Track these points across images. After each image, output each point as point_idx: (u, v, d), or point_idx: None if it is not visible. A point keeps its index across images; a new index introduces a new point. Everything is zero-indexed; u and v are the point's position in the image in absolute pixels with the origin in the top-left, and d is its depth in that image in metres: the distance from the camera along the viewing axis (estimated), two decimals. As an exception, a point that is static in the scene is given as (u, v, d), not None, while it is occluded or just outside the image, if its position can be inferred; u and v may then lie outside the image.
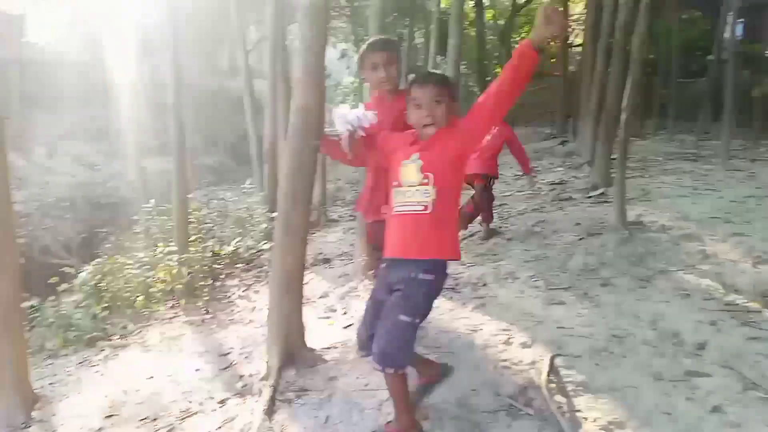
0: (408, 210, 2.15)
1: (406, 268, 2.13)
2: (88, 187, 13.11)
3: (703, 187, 6.30)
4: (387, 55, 2.70)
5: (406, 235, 2.15)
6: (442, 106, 2.18)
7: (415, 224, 2.13)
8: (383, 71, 2.69)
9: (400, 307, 2.09)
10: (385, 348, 2.06)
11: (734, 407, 2.35)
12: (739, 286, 3.55)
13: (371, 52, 2.72)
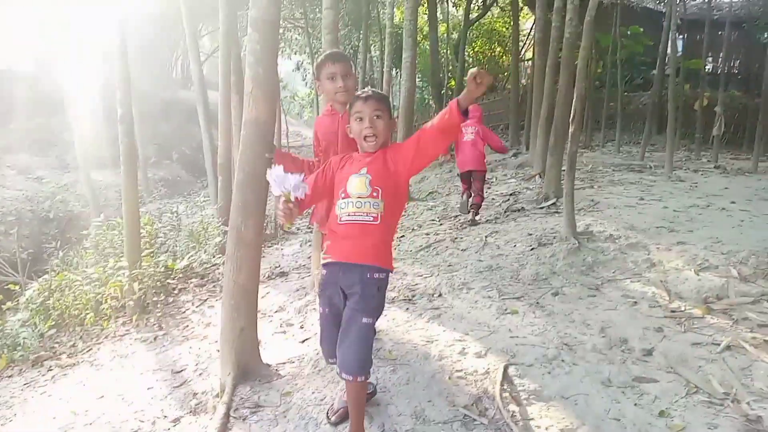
0: (359, 220, 2.22)
1: (359, 271, 2.22)
2: (36, 200, 12.60)
3: (649, 197, 6.52)
4: (344, 66, 2.79)
5: (357, 243, 2.22)
6: (382, 121, 2.31)
7: (366, 233, 2.22)
8: (340, 81, 2.78)
9: (361, 310, 2.19)
10: (360, 355, 2.16)
11: (680, 411, 2.44)
12: (683, 293, 3.68)
13: (329, 62, 2.79)
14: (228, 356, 2.97)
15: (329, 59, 2.81)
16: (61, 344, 4.83)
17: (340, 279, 2.25)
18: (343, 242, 2.25)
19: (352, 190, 2.26)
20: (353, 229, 2.23)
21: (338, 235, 2.28)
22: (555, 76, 7.44)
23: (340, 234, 2.27)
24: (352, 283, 2.22)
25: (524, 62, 19.73)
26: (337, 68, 2.77)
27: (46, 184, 14.14)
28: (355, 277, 2.21)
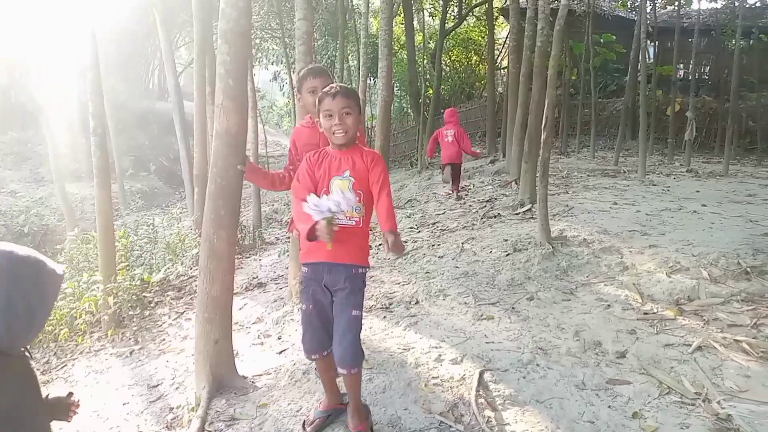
0: (343, 223, 2.26)
1: (345, 269, 2.30)
2: (10, 215, 12.37)
3: (622, 201, 6.62)
4: (325, 81, 2.83)
5: (342, 245, 2.26)
6: (351, 117, 2.35)
7: (350, 235, 2.29)
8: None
9: (351, 303, 2.29)
10: (353, 349, 2.27)
11: (653, 412, 2.47)
12: (655, 295, 3.74)
13: (310, 77, 2.87)
14: (203, 369, 2.94)
15: (310, 73, 2.89)
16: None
17: (326, 278, 2.31)
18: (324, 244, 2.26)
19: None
20: (337, 233, 2.24)
21: None
22: (529, 83, 7.54)
23: None
24: (339, 280, 2.30)
25: (500, 70, 19.94)
26: (318, 82, 2.83)
27: (20, 198, 13.91)
28: (341, 275, 2.29)
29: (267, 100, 23.20)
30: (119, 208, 14.15)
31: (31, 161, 15.61)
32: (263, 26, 15.61)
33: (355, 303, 2.31)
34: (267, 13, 14.42)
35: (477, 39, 22.23)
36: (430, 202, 8.56)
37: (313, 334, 2.38)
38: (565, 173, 9.40)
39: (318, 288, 2.34)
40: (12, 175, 15.69)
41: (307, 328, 2.40)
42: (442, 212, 7.33)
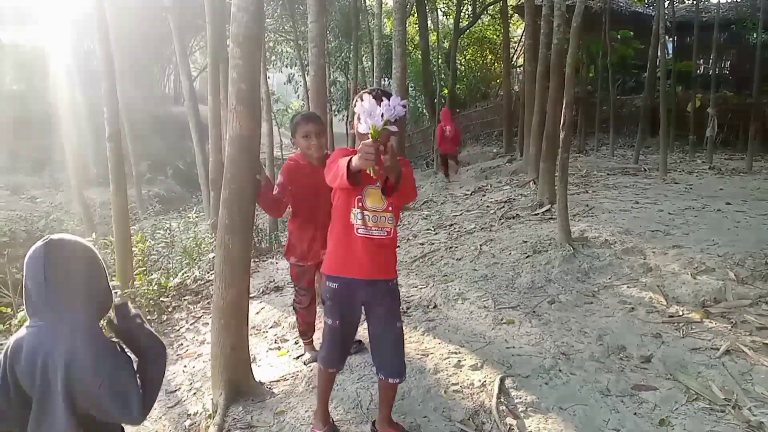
0: (376, 235, 2.23)
1: (382, 284, 2.28)
2: (29, 220, 12.54)
3: (644, 200, 6.49)
4: (317, 126, 3.06)
5: (377, 258, 2.24)
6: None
7: (382, 248, 2.26)
8: (314, 140, 3.03)
9: (394, 315, 2.31)
10: (402, 359, 2.32)
11: (680, 419, 2.39)
12: (680, 297, 3.64)
13: (303, 122, 3.04)
14: (219, 376, 2.91)
15: (304, 120, 3.07)
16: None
17: (361, 294, 2.27)
18: (362, 257, 2.22)
19: (369, 203, 2.23)
20: (371, 245, 2.23)
21: (353, 248, 2.24)
22: (546, 82, 7.44)
23: (356, 247, 2.24)
24: (377, 295, 2.27)
25: (516, 69, 19.80)
26: (311, 128, 3.03)
27: (39, 204, 14.11)
28: (380, 290, 2.27)
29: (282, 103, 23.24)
30: (137, 212, 14.28)
31: (50, 167, 15.81)
32: (277, 29, 15.64)
33: (396, 315, 2.32)
34: (280, 15, 14.44)
35: (492, 37, 22.10)
36: (446, 203, 8.49)
37: (337, 349, 2.36)
38: (585, 172, 9.27)
39: (348, 304, 2.30)
40: (32, 181, 15.93)
41: (331, 343, 2.35)
42: (460, 213, 7.26)
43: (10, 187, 15.29)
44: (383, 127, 1.88)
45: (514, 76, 19.43)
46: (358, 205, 2.23)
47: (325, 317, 2.35)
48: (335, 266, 2.29)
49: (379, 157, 1.87)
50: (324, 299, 2.35)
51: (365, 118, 1.91)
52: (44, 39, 16.71)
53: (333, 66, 16.38)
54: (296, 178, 3.07)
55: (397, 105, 1.90)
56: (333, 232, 2.33)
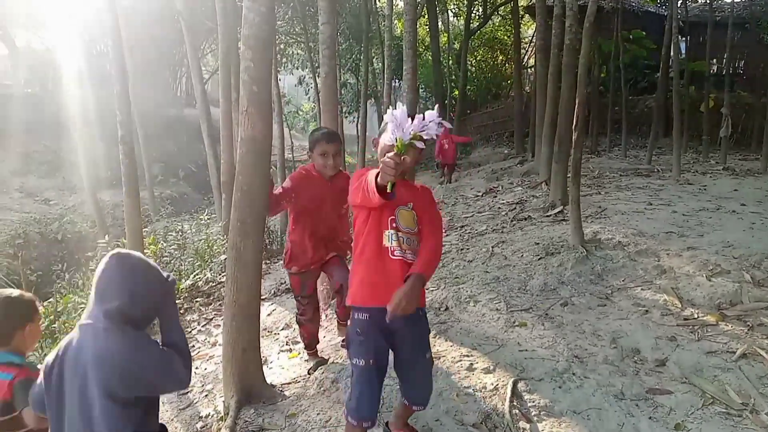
0: (409, 258, 2.06)
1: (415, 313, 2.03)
2: (43, 222, 12.65)
3: (657, 202, 6.43)
4: (335, 147, 3.12)
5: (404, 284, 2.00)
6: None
7: None
8: (331, 160, 3.11)
9: (423, 346, 2.17)
10: (431, 388, 2.22)
11: (696, 423, 2.36)
12: (695, 300, 3.60)
13: (324, 141, 3.09)
14: (230, 378, 2.91)
15: (324, 138, 3.11)
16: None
17: (396, 322, 2.01)
18: (398, 284, 1.97)
19: (403, 223, 2.09)
20: (405, 269, 2.02)
21: (389, 273, 2.04)
22: (557, 82, 7.40)
23: (391, 272, 2.04)
24: (408, 324, 2.07)
25: (527, 69, 19.73)
26: (330, 148, 3.09)
27: (53, 206, 14.23)
28: (411, 319, 2.04)
29: (293, 105, 23.30)
30: (149, 214, 14.36)
31: (64, 170, 15.94)
32: (287, 31, 15.69)
33: (425, 344, 2.18)
34: (291, 18, 14.48)
35: (503, 38, 22.03)
36: (457, 204, 8.46)
37: (373, 394, 2.06)
38: (597, 173, 9.21)
39: (380, 336, 2.06)
40: (46, 184, 16.06)
41: (366, 388, 2.04)
42: (471, 215, 7.23)
43: (24, 189, 15.43)
44: (410, 141, 1.75)
45: (525, 76, 19.35)
46: (392, 226, 2.07)
47: (355, 359, 2.05)
48: (367, 295, 2.07)
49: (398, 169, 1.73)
50: (351, 337, 2.10)
51: (393, 128, 1.78)
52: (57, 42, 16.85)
53: (343, 68, 16.39)
54: (305, 187, 3.13)
55: (432, 122, 1.75)
56: (362, 258, 2.11)
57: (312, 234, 3.22)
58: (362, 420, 2.03)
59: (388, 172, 1.72)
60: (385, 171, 1.73)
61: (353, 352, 2.07)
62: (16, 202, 14.48)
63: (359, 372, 2.04)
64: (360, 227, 2.13)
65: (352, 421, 2.04)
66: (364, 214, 2.11)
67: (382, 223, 2.08)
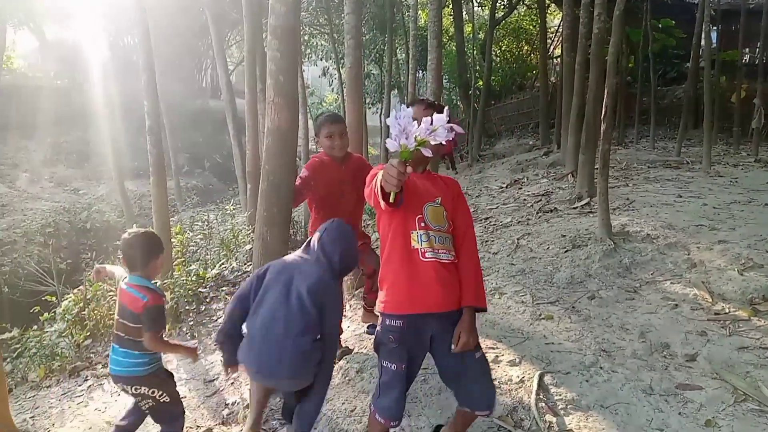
0: (444, 258, 1.95)
1: (451, 316, 1.95)
2: (73, 212, 12.92)
3: (687, 194, 6.30)
4: (340, 127, 3.13)
5: (449, 287, 1.95)
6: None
7: (452, 273, 1.96)
8: (338, 140, 3.10)
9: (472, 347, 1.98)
10: (492, 389, 2.04)
11: (727, 420, 2.32)
12: (726, 294, 3.52)
13: (327, 123, 3.10)
14: (257, 367, 2.93)
15: (327, 120, 3.13)
16: (97, 354, 4.89)
17: (431, 329, 1.95)
18: (433, 287, 1.91)
19: (433, 221, 1.97)
20: (442, 270, 1.92)
21: (421, 277, 1.92)
22: (585, 72, 7.28)
23: (424, 275, 1.92)
24: (450, 327, 1.95)
25: (553, 60, 19.45)
26: (334, 128, 3.09)
27: (82, 196, 14.50)
28: (453, 322, 1.95)
29: (316, 96, 23.34)
30: (175, 204, 14.56)
31: (92, 160, 16.22)
32: (312, 22, 15.68)
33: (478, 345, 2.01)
34: (315, 8, 14.46)
35: (528, 28, 21.73)
36: (482, 196, 8.40)
37: (401, 397, 1.98)
38: (624, 165, 9.05)
39: (417, 343, 1.96)
40: (75, 174, 16.37)
41: (393, 391, 1.96)
42: (495, 206, 7.18)
43: (54, 179, 15.76)
44: (416, 147, 1.57)
45: (551, 67, 19.07)
46: (420, 226, 1.94)
47: (385, 362, 1.98)
48: (399, 301, 1.95)
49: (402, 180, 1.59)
50: (382, 342, 2.00)
51: (397, 134, 1.57)
52: (85, 35, 17.10)
53: (367, 59, 16.34)
54: (320, 173, 3.11)
55: (442, 127, 1.57)
56: (391, 262, 1.99)
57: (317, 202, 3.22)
58: (391, 419, 1.99)
59: (390, 181, 1.59)
60: (387, 180, 1.60)
61: (384, 355, 2.00)
62: (46, 192, 14.80)
63: (391, 375, 1.97)
64: (384, 229, 2.02)
65: (380, 419, 1.99)
66: (388, 214, 1.97)
67: (408, 223, 1.96)
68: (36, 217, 12.64)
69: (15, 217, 12.53)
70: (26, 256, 11.23)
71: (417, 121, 1.57)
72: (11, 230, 11.90)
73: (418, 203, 1.96)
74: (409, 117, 1.57)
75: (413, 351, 1.98)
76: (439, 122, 1.57)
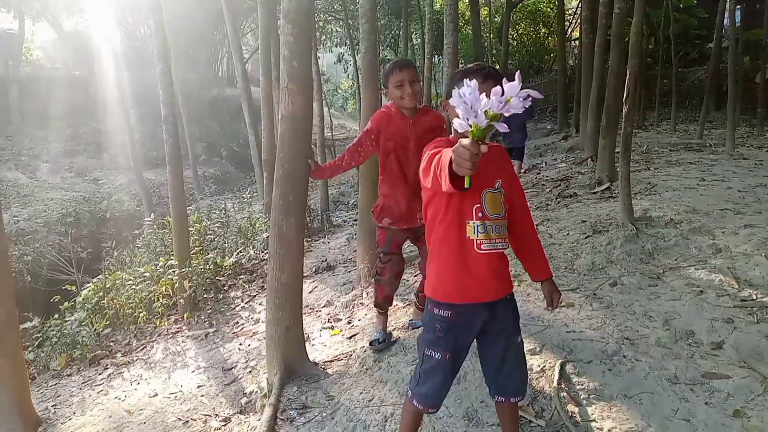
0: (500, 248, 1.85)
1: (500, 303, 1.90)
2: (92, 201, 13.09)
3: (710, 177, 6.16)
4: (411, 73, 2.82)
5: (499, 276, 1.87)
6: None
7: (504, 261, 1.89)
8: (408, 88, 2.80)
9: (514, 331, 1.93)
10: (525, 374, 1.99)
11: (756, 410, 2.25)
12: (753, 280, 3.42)
13: (396, 70, 2.81)
14: (274, 356, 2.93)
15: (396, 67, 2.83)
16: (117, 343, 4.95)
17: (481, 318, 1.87)
18: (486, 278, 1.82)
19: (491, 210, 1.83)
20: (495, 261, 1.84)
21: (474, 269, 1.82)
22: (604, 54, 7.14)
23: (478, 267, 1.82)
24: (498, 314, 1.89)
25: (571, 42, 19.16)
26: (405, 75, 2.80)
27: (102, 185, 14.66)
28: (501, 307, 1.90)
29: (332, 83, 23.29)
30: (193, 193, 14.66)
31: (111, 150, 16.37)
32: (327, 8, 15.60)
33: (518, 329, 1.95)
34: (330, -6, 14.41)
35: (545, 10, 21.42)
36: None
37: (444, 385, 1.92)
38: (645, 148, 8.89)
39: (466, 333, 1.89)
40: (94, 164, 16.54)
41: (437, 379, 1.89)
42: (514, 192, 7.09)
43: (74, 169, 15.94)
44: (489, 124, 1.39)
45: (569, 49, 18.79)
46: (478, 216, 1.80)
47: (429, 350, 1.89)
48: (448, 291, 1.86)
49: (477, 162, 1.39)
50: (428, 328, 1.92)
51: (464, 113, 1.41)
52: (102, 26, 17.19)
53: (383, 44, 16.24)
54: (385, 125, 2.91)
55: (516, 97, 1.39)
56: (442, 250, 1.88)
57: (400, 179, 2.93)
58: (429, 407, 1.94)
59: (464, 165, 1.39)
60: (459, 164, 1.41)
61: (428, 343, 1.89)
62: (66, 182, 14.97)
63: (435, 365, 1.88)
64: (434, 215, 1.87)
65: (417, 405, 1.93)
66: (441, 200, 1.83)
67: (463, 212, 1.81)
68: (56, 207, 12.82)
69: (36, 207, 12.71)
70: (47, 245, 11.40)
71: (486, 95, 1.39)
72: (32, 220, 12.08)
73: (476, 190, 1.78)
74: (475, 92, 1.39)
75: (460, 341, 1.90)
76: (512, 91, 1.39)
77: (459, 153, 1.38)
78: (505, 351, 1.92)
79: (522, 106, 1.42)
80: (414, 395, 1.94)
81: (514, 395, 1.96)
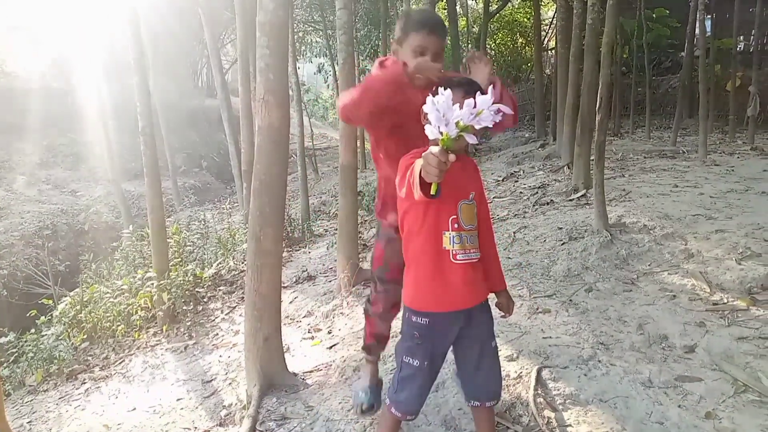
0: (474, 257, 1.88)
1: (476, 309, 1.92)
2: (70, 213, 12.88)
3: (683, 184, 6.29)
4: (439, 43, 2.06)
5: (475, 284, 1.90)
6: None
7: (475, 271, 1.90)
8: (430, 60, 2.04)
9: (489, 336, 1.98)
10: (500, 377, 2.05)
11: (728, 412, 2.30)
12: (724, 284, 3.50)
13: (424, 32, 2.04)
14: (253, 367, 2.93)
15: (425, 28, 2.04)
16: (94, 357, 4.88)
17: (458, 325, 1.91)
18: (462, 287, 1.85)
19: (466, 221, 1.86)
20: (470, 270, 1.87)
21: (450, 278, 1.85)
22: (579, 63, 7.26)
23: (453, 277, 1.85)
24: (473, 320, 1.93)
25: (547, 52, 19.42)
26: (431, 43, 2.04)
27: (80, 197, 14.47)
28: (476, 312, 1.92)
29: (312, 93, 23.29)
30: (173, 204, 14.53)
31: (90, 161, 16.17)
32: (306, 19, 15.63)
33: (493, 333, 2.00)
34: (309, 5, 14.42)
35: (522, 21, 21.69)
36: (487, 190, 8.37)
37: (423, 393, 1.96)
38: (620, 155, 9.03)
39: (443, 340, 1.93)
40: (72, 175, 16.31)
41: (414, 387, 1.93)
42: (491, 200, 7.15)
43: (51, 181, 15.69)
44: (459, 134, 1.43)
45: (546, 59, 19.04)
46: (454, 227, 1.83)
47: (407, 358, 1.92)
48: (425, 300, 1.89)
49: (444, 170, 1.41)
50: (406, 337, 1.94)
51: (436, 120, 1.43)
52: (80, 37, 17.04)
53: (362, 54, 16.30)
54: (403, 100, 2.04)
55: (488, 110, 1.41)
56: (419, 260, 1.90)
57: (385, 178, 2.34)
58: (408, 414, 1.98)
59: (431, 171, 1.42)
60: (427, 170, 1.44)
61: (407, 351, 1.92)
62: (43, 194, 14.74)
63: (412, 371, 1.91)
64: (411, 226, 1.88)
65: (396, 413, 1.96)
66: (418, 211, 1.84)
67: (440, 223, 1.83)
68: (33, 220, 12.60)
69: (12, 220, 12.48)
70: (24, 258, 11.20)
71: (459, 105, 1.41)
72: (8, 233, 11.85)
73: (452, 201, 1.83)
74: (448, 101, 1.41)
75: (437, 348, 1.94)
76: (484, 104, 1.41)
77: (428, 160, 1.42)
78: (480, 356, 1.96)
79: (492, 119, 1.44)
80: (392, 403, 1.98)
81: (488, 399, 2.00)
